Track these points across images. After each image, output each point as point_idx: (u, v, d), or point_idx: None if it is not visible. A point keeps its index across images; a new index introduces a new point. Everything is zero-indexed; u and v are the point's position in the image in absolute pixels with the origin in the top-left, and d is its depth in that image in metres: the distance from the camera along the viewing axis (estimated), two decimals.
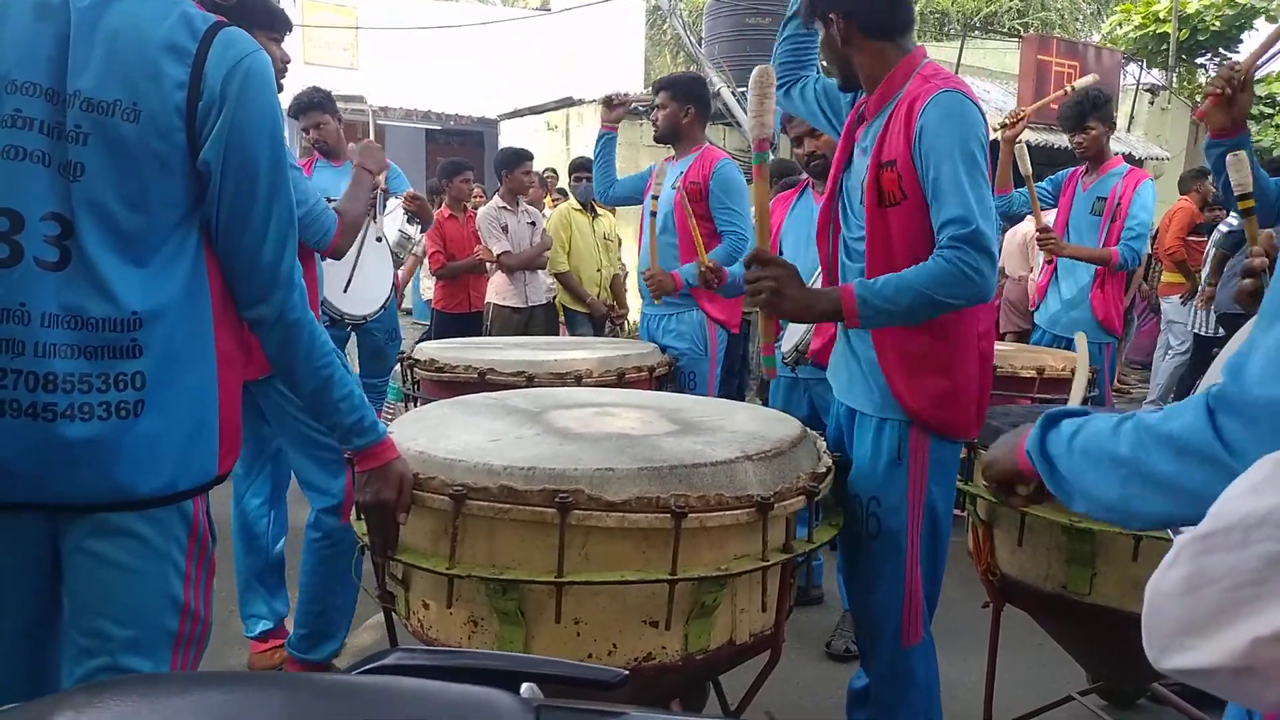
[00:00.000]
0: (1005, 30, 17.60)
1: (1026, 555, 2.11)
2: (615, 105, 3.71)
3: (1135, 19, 16.41)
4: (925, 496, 1.92)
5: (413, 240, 4.39)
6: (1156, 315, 7.62)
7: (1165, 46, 15.19)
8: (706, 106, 3.60)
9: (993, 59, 14.26)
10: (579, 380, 2.77)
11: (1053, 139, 11.88)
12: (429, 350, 3.01)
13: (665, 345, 3.43)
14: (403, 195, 4.07)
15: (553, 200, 8.06)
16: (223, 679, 0.77)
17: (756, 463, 1.64)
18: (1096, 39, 19.19)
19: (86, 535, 1.30)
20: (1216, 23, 15.56)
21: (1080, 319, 3.95)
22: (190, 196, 1.34)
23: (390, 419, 4.05)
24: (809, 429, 1.96)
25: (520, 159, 5.46)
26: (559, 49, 14.75)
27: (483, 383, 2.71)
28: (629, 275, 6.16)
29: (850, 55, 1.89)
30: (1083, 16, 21.99)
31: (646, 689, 1.65)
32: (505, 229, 5.27)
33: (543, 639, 1.56)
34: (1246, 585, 0.60)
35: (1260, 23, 15.86)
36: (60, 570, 1.33)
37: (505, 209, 5.33)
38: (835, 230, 2.07)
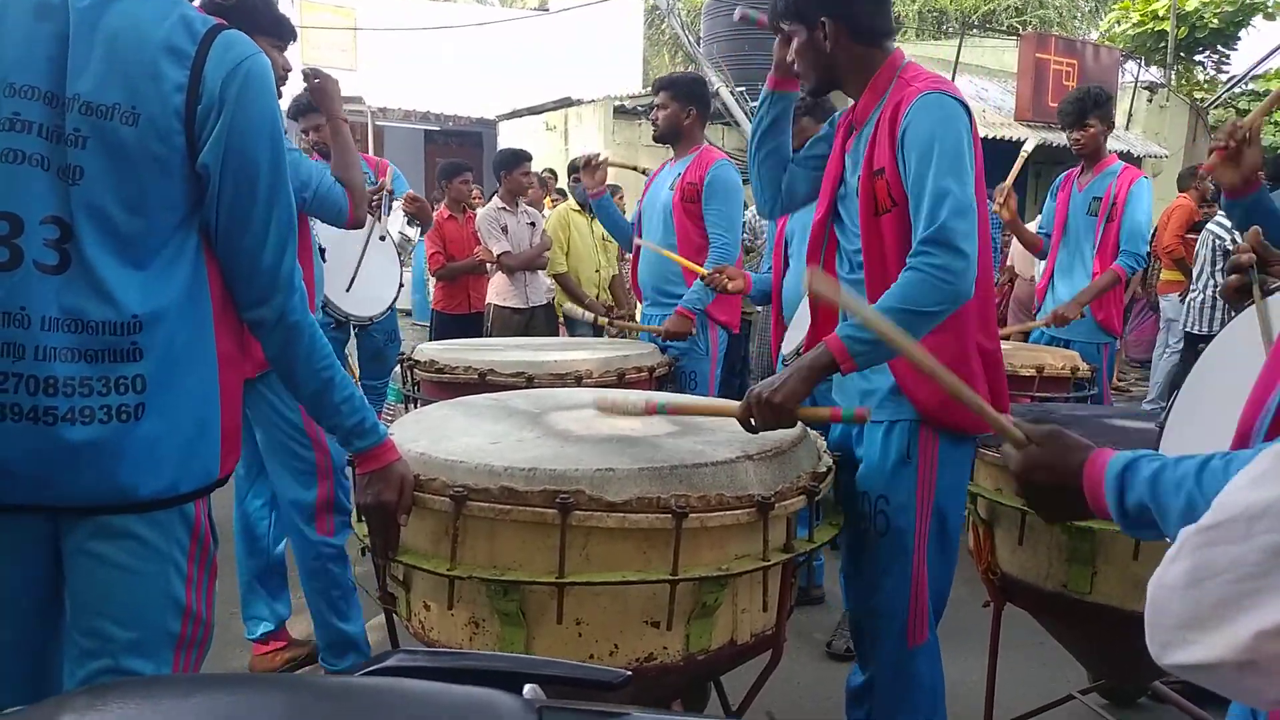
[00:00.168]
0: (1004, 28, 17.62)
1: (1027, 554, 2.11)
2: (595, 167, 3.59)
3: (1134, 16, 16.41)
4: (934, 496, 1.91)
5: (412, 242, 4.40)
6: (1155, 313, 7.61)
7: (1163, 44, 15.20)
8: (707, 107, 3.58)
9: (991, 57, 14.28)
10: (579, 381, 2.77)
11: (1051, 137, 11.90)
12: (429, 351, 3.01)
13: (666, 345, 3.42)
14: (403, 197, 4.08)
15: (552, 201, 8.05)
16: (225, 681, 0.77)
17: (757, 462, 1.65)
18: (1094, 36, 19.18)
19: (88, 537, 1.30)
20: (1215, 20, 15.55)
21: (1079, 319, 3.94)
22: (190, 199, 1.33)
23: (390, 420, 4.06)
24: (809, 428, 1.96)
25: (519, 160, 5.45)
26: (557, 49, 14.74)
27: (483, 384, 2.71)
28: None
29: (835, 60, 1.88)
30: (1081, 14, 22.00)
31: (648, 689, 1.65)
32: (505, 230, 5.27)
33: (544, 640, 1.56)
34: (1249, 578, 0.59)
35: (1259, 20, 15.85)
36: (62, 572, 1.34)
37: (504, 210, 5.32)
38: (830, 244, 2.07)
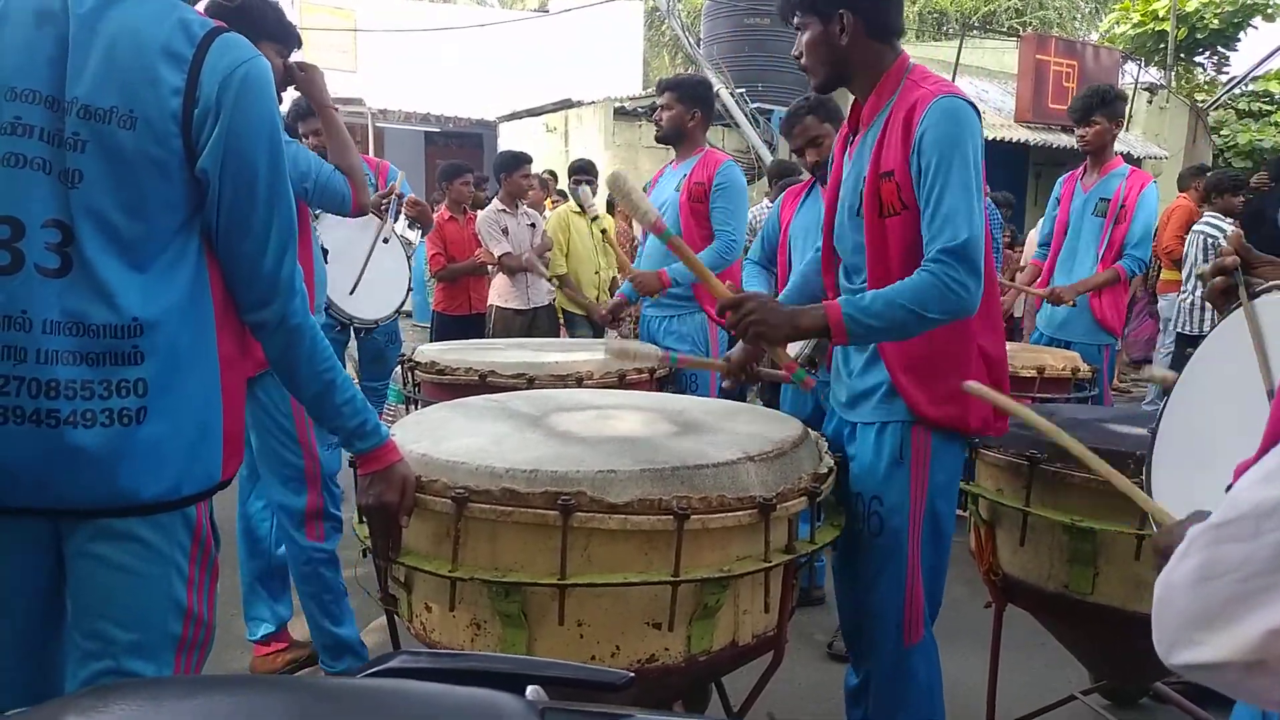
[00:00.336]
0: (1004, 29, 17.62)
1: (1029, 555, 2.11)
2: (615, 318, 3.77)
3: (1134, 17, 16.40)
4: (927, 495, 1.92)
5: (413, 245, 4.40)
6: (1155, 315, 7.59)
7: (1163, 45, 15.20)
8: (711, 109, 3.58)
9: (991, 58, 14.29)
10: (580, 382, 2.77)
11: (1051, 138, 11.90)
12: (430, 353, 3.01)
13: (666, 346, 3.42)
14: (404, 200, 4.08)
15: (552, 202, 8.05)
16: (228, 683, 0.77)
17: (758, 464, 1.64)
18: (1095, 38, 19.19)
19: (90, 539, 1.30)
20: (1215, 20, 15.55)
21: (1078, 319, 3.94)
22: (190, 203, 1.33)
23: (391, 422, 4.05)
24: (811, 429, 1.96)
25: (519, 162, 5.45)
26: (557, 51, 14.74)
27: (484, 385, 2.71)
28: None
29: (848, 55, 1.89)
30: (1081, 15, 22.02)
31: (649, 691, 1.65)
32: (505, 231, 5.27)
33: (545, 641, 1.56)
34: (1258, 575, 0.58)
35: (1258, 21, 15.83)
36: (64, 574, 1.34)
37: (505, 212, 5.33)
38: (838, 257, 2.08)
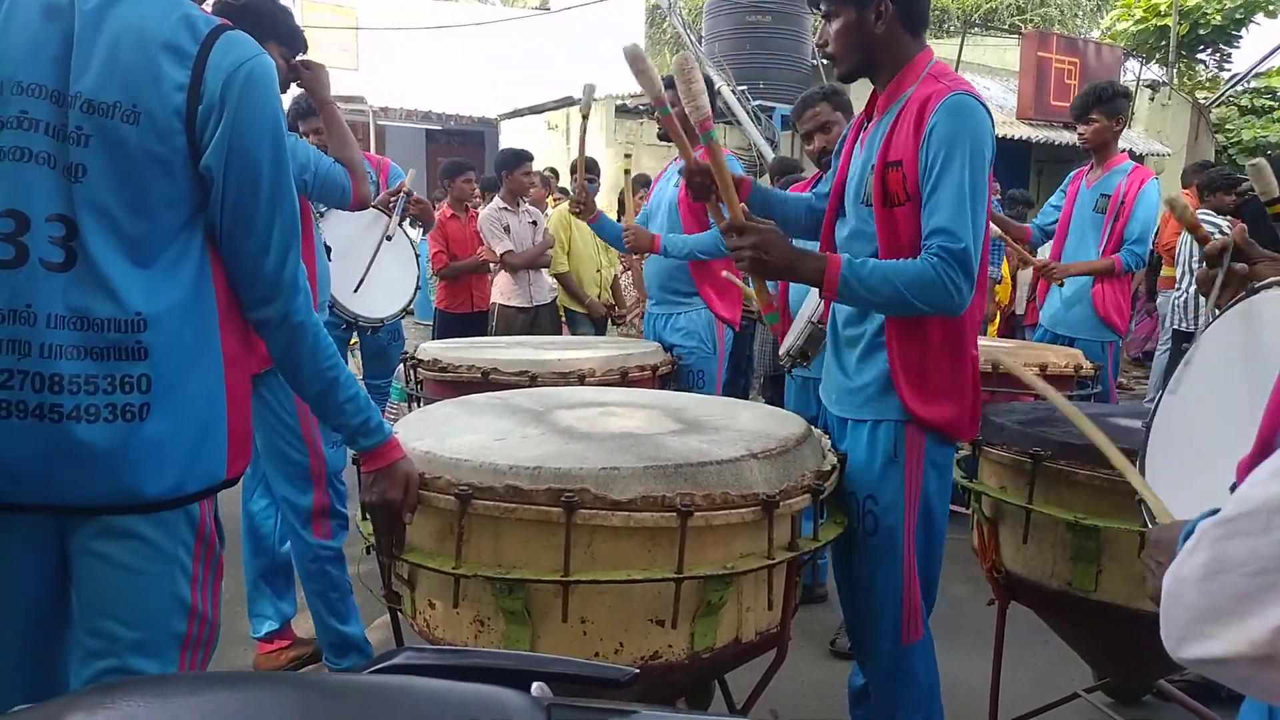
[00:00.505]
0: (1005, 27, 17.60)
1: (1032, 552, 2.11)
2: (581, 208, 3.62)
3: (1136, 13, 16.37)
4: (921, 493, 1.92)
5: (414, 243, 4.40)
6: (1153, 313, 7.57)
7: (1165, 42, 15.18)
8: (712, 106, 3.58)
9: (993, 56, 14.28)
10: (582, 379, 2.77)
11: (1053, 135, 11.89)
12: (432, 350, 3.01)
13: (672, 343, 3.41)
14: (412, 198, 4.07)
15: (554, 200, 8.05)
16: (234, 680, 0.77)
17: (762, 461, 1.64)
18: (1096, 35, 19.16)
19: (93, 537, 1.30)
20: (1217, 17, 15.52)
21: (1082, 316, 3.93)
22: (193, 199, 1.33)
23: (394, 419, 4.05)
24: (814, 427, 1.96)
25: (520, 160, 5.45)
26: (559, 48, 14.72)
27: (486, 382, 2.71)
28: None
29: (880, 44, 1.89)
30: (1083, 12, 21.98)
31: (653, 688, 1.65)
32: (507, 229, 5.27)
33: (549, 638, 1.56)
34: (1269, 571, 0.58)
35: (1260, 18, 15.80)
36: (68, 572, 1.34)
37: (506, 209, 5.33)
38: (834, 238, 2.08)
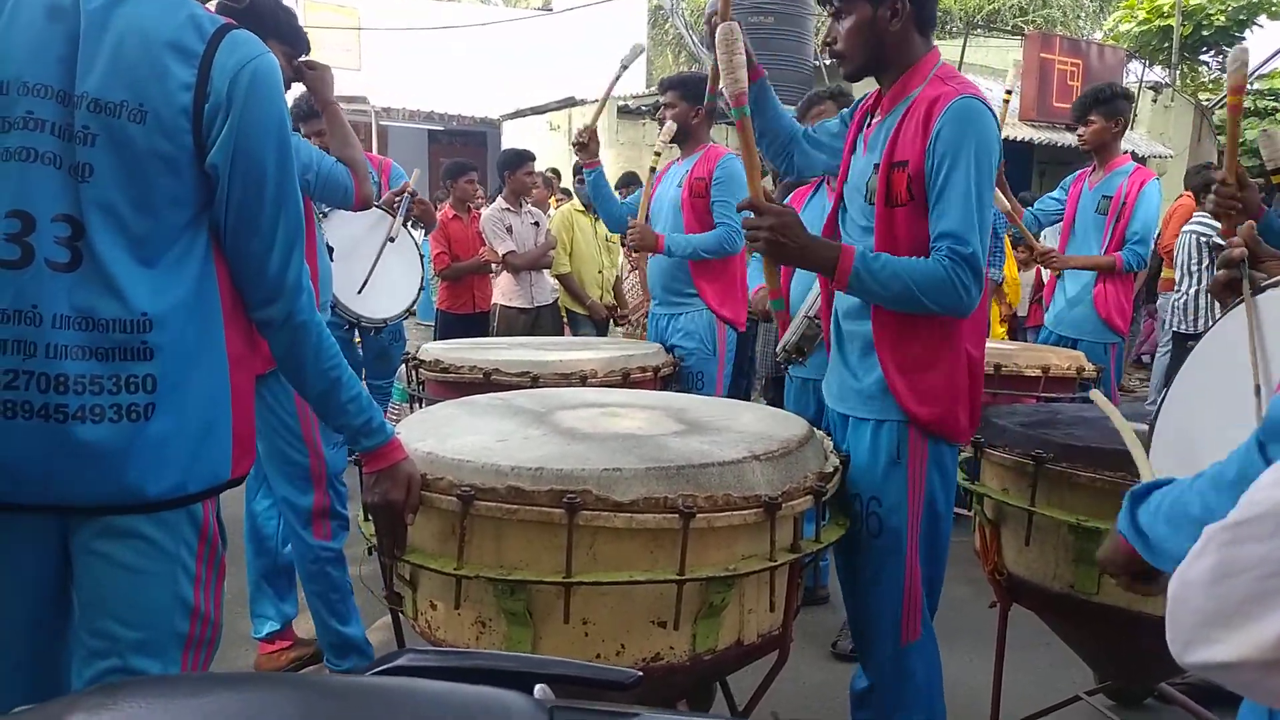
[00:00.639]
0: (1008, 28, 17.58)
1: (1034, 554, 2.11)
2: (584, 144, 3.57)
3: (1139, 14, 16.34)
4: (925, 494, 1.92)
5: (419, 244, 4.40)
6: (1154, 316, 7.56)
7: (1168, 43, 15.15)
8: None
9: (995, 57, 14.25)
10: (584, 380, 2.77)
11: (1056, 137, 11.88)
12: (434, 351, 3.01)
13: (674, 345, 3.41)
14: (415, 198, 4.07)
15: (556, 200, 8.05)
16: (236, 680, 0.77)
17: (764, 463, 1.64)
18: (1099, 36, 19.14)
19: (95, 537, 1.30)
20: (1221, 18, 15.49)
21: (1084, 317, 3.93)
22: (199, 198, 1.34)
23: (395, 420, 4.05)
24: (816, 429, 1.95)
25: (522, 160, 5.45)
26: (561, 49, 14.72)
27: (488, 383, 2.71)
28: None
29: (890, 42, 1.89)
30: (1085, 13, 21.94)
31: (654, 689, 1.65)
32: (509, 230, 5.27)
33: (551, 639, 1.56)
34: (1275, 575, 0.58)
35: (1264, 19, 15.78)
36: (70, 571, 1.34)
37: (509, 210, 5.32)
38: (839, 235, 2.08)
